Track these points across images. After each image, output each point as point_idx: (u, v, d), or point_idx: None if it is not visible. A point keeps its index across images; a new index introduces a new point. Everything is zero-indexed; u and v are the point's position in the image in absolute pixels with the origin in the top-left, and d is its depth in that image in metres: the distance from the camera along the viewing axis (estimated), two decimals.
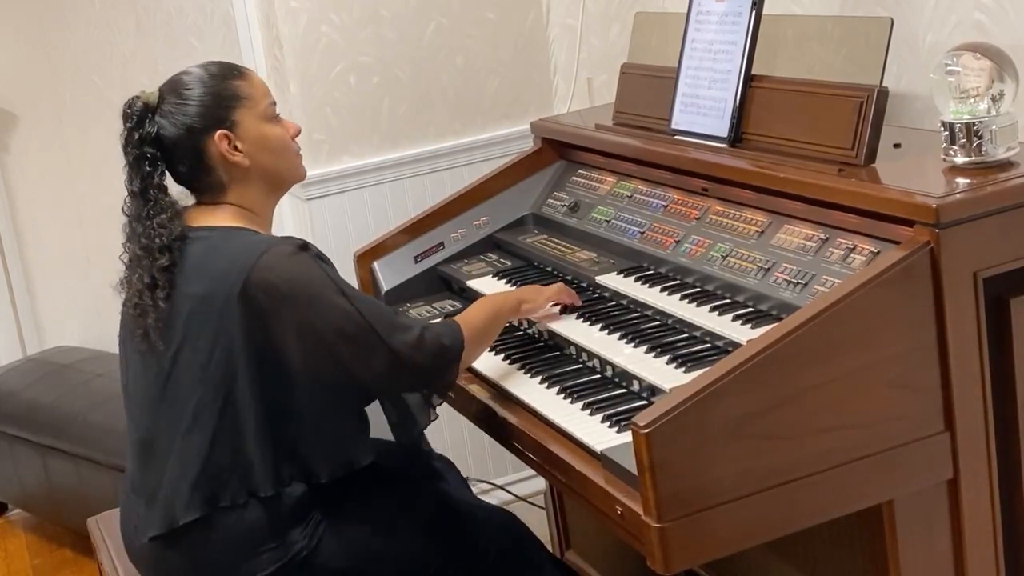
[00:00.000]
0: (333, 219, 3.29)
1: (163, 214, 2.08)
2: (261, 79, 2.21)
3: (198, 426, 2.02)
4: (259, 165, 2.15)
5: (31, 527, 4.11)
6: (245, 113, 2.13)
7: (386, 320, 2.05)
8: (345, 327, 2.00)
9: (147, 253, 2.07)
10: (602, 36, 3.28)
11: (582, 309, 2.36)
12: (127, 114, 2.12)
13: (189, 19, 3.76)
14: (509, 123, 3.47)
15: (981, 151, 1.89)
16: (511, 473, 3.49)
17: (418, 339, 2.05)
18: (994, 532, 1.91)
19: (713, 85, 2.36)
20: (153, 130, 2.10)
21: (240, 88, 2.14)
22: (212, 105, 2.11)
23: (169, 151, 2.12)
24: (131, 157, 2.12)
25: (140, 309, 2.07)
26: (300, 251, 2.05)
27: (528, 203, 2.84)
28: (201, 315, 2.02)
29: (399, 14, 3.30)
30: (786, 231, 2.10)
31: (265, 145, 2.15)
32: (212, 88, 2.12)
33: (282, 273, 2.00)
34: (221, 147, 2.11)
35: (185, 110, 2.10)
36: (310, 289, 2.00)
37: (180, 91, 2.12)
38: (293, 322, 1.99)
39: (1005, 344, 1.85)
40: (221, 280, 2.01)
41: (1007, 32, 2.12)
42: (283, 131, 2.20)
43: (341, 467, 2.06)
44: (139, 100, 2.12)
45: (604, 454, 1.86)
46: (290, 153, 2.21)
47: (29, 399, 3.86)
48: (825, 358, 1.73)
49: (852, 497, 1.79)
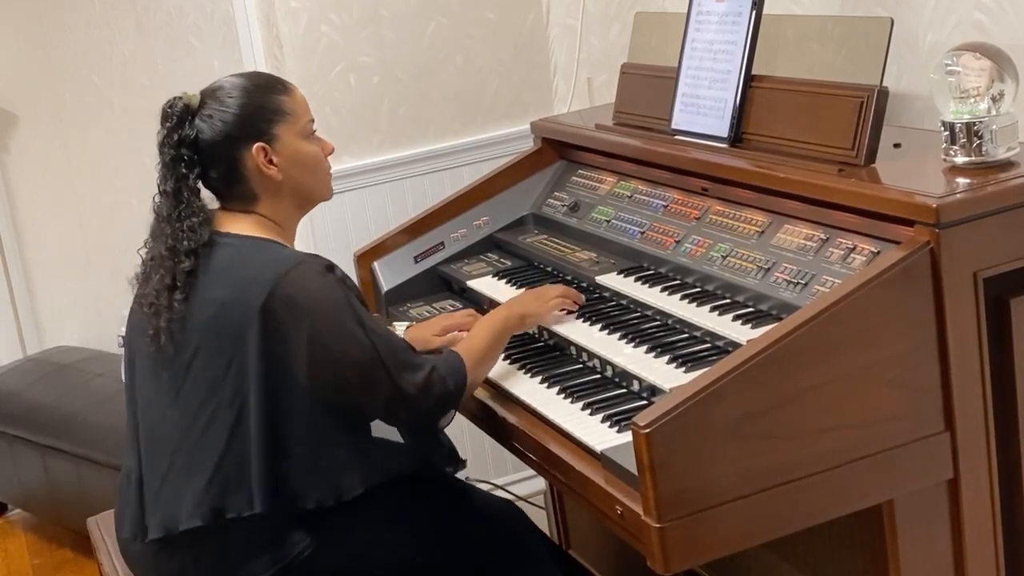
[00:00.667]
0: (333, 219, 3.29)
1: (194, 217, 2.08)
2: (303, 96, 2.21)
3: (210, 435, 2.01)
4: (291, 181, 2.14)
5: (31, 527, 4.11)
6: (285, 128, 2.13)
7: (397, 357, 2.04)
8: (356, 355, 2.00)
9: (172, 254, 2.06)
10: (602, 36, 3.28)
11: (583, 309, 2.35)
12: (167, 114, 2.11)
13: (189, 19, 3.76)
14: (509, 123, 3.47)
15: (981, 151, 1.89)
16: (511, 473, 3.49)
17: (425, 381, 2.04)
18: (994, 532, 1.91)
19: (713, 85, 2.36)
20: (192, 132, 2.10)
21: (284, 103, 2.14)
22: (254, 116, 2.11)
23: (205, 155, 2.11)
24: (167, 157, 2.11)
25: (155, 309, 2.07)
26: (327, 272, 2.04)
27: (528, 203, 2.84)
28: (220, 322, 2.01)
29: (399, 14, 3.30)
30: (786, 231, 2.11)
31: (300, 162, 2.15)
32: (256, 99, 2.12)
33: (305, 291, 2.00)
34: (258, 159, 2.10)
35: (226, 117, 2.10)
36: (329, 312, 2.00)
37: (222, 98, 2.11)
38: (306, 341, 1.98)
39: (1005, 344, 1.85)
40: (246, 288, 2.01)
41: (1007, 32, 2.12)
42: (319, 150, 2.20)
43: (329, 495, 2.03)
44: (180, 101, 2.11)
45: (604, 454, 1.86)
46: (323, 172, 2.21)
47: (29, 399, 3.86)
48: (825, 358, 1.73)
49: (852, 497, 1.79)
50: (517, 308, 2.29)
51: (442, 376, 2.07)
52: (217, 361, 2.01)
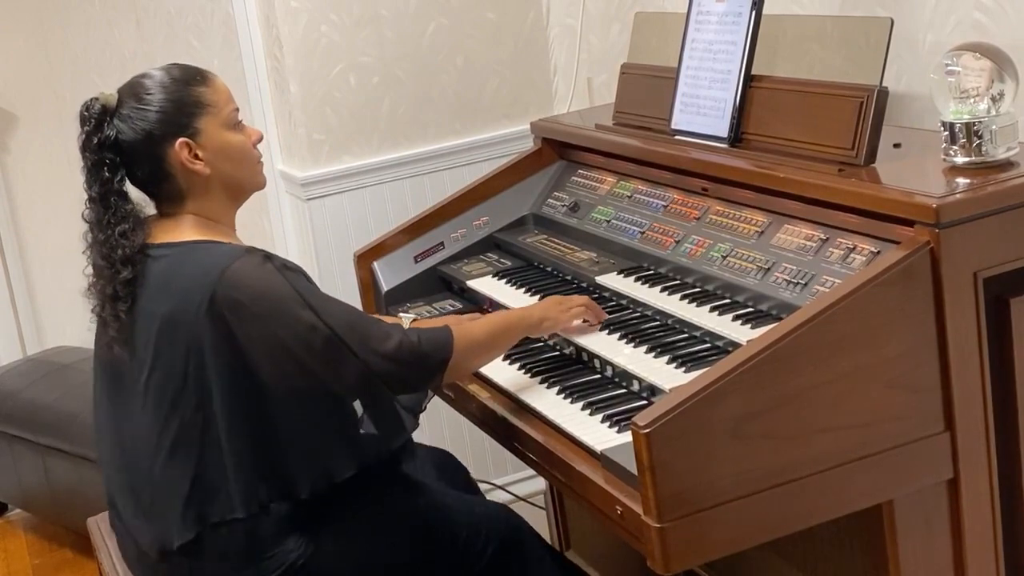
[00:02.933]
0: (333, 219, 3.29)
1: (124, 223, 2.03)
2: (224, 84, 2.14)
3: (182, 449, 1.98)
4: (220, 173, 2.08)
5: (31, 527, 4.11)
6: (208, 121, 2.06)
7: (358, 330, 1.98)
8: (311, 340, 1.95)
9: (108, 264, 2.03)
10: (602, 36, 3.28)
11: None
12: (84, 116, 2.06)
13: (189, 19, 3.76)
14: (509, 123, 3.47)
15: (981, 151, 1.89)
16: (511, 473, 3.49)
17: (395, 348, 1.98)
18: (994, 532, 1.91)
19: (713, 85, 2.36)
20: (112, 134, 2.04)
21: (203, 95, 2.07)
22: (173, 112, 2.04)
23: (127, 156, 2.06)
24: (89, 162, 2.06)
25: (102, 320, 2.05)
26: (264, 262, 1.98)
27: (528, 203, 2.84)
28: (169, 335, 1.98)
29: (399, 14, 3.30)
30: (786, 231, 2.10)
31: (227, 154, 2.09)
32: (174, 94, 2.05)
33: (246, 288, 1.95)
34: (181, 155, 2.04)
35: (145, 115, 2.04)
36: (274, 303, 1.95)
37: (140, 95, 2.05)
38: (260, 338, 1.95)
39: (1005, 344, 1.85)
40: (186, 299, 1.96)
41: (1007, 32, 2.12)
42: (245, 139, 2.13)
43: (321, 480, 2.01)
44: (97, 102, 2.06)
45: (604, 454, 1.86)
46: (251, 161, 2.15)
47: (29, 399, 3.86)
48: (825, 358, 1.73)
49: (852, 497, 1.79)
50: (536, 311, 2.23)
51: (414, 341, 2.00)
52: (174, 375, 1.98)
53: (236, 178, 2.12)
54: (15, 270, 4.47)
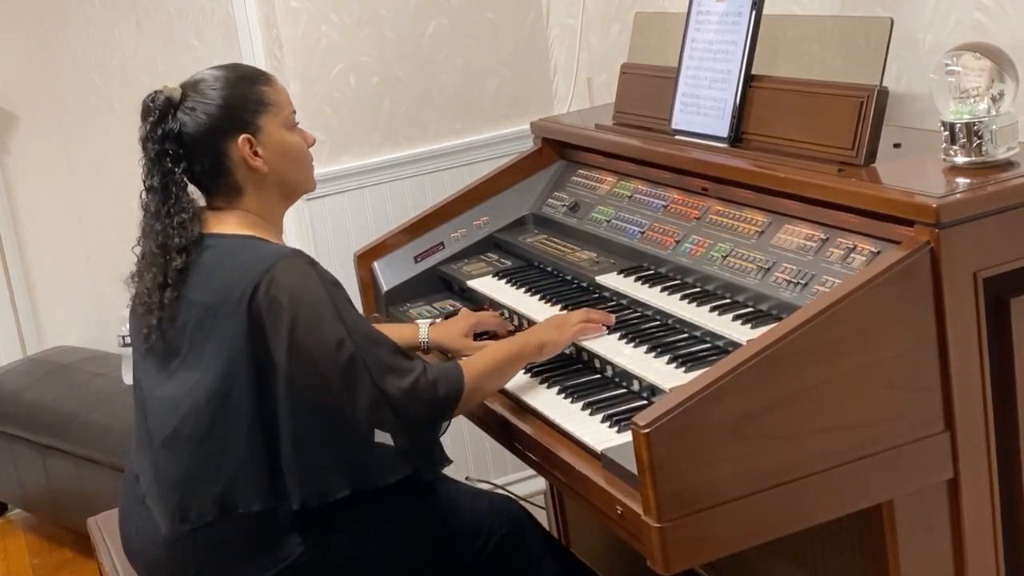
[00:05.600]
0: (333, 219, 3.29)
1: (184, 213, 2.06)
2: (284, 87, 2.20)
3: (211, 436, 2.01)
4: (276, 172, 2.13)
5: (31, 527, 4.12)
6: (269, 119, 2.12)
7: (381, 359, 1.99)
8: (336, 354, 1.96)
9: (163, 251, 2.05)
10: (602, 36, 3.28)
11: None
12: (149, 108, 2.09)
13: (189, 19, 3.76)
14: (509, 123, 3.47)
15: (981, 151, 1.89)
16: (511, 473, 3.49)
17: (412, 386, 1.99)
18: (994, 532, 1.91)
19: (713, 85, 2.36)
20: (176, 126, 2.08)
21: (266, 94, 2.13)
22: (238, 108, 2.09)
23: (189, 148, 2.09)
24: (152, 152, 2.08)
25: (147, 307, 2.07)
26: (309, 267, 2.02)
27: (528, 203, 2.84)
28: (206, 325, 2.01)
29: (399, 14, 3.30)
30: (786, 231, 2.11)
31: (285, 153, 2.14)
32: (239, 91, 2.10)
33: (286, 288, 1.98)
34: (243, 151, 2.09)
35: (209, 109, 2.08)
36: (310, 308, 1.98)
37: (204, 90, 2.09)
38: (287, 339, 1.96)
39: (1005, 344, 1.85)
40: (228, 291, 2.00)
41: (1007, 32, 2.12)
42: (302, 141, 2.19)
43: (314, 496, 2.01)
44: (161, 95, 2.09)
45: (604, 454, 1.87)
46: (306, 162, 2.21)
47: (29, 399, 3.86)
48: (825, 358, 1.73)
49: (852, 497, 1.79)
50: (536, 336, 2.21)
51: (431, 381, 2.02)
52: (207, 364, 2.00)
53: (291, 178, 2.18)
54: (15, 270, 4.47)
